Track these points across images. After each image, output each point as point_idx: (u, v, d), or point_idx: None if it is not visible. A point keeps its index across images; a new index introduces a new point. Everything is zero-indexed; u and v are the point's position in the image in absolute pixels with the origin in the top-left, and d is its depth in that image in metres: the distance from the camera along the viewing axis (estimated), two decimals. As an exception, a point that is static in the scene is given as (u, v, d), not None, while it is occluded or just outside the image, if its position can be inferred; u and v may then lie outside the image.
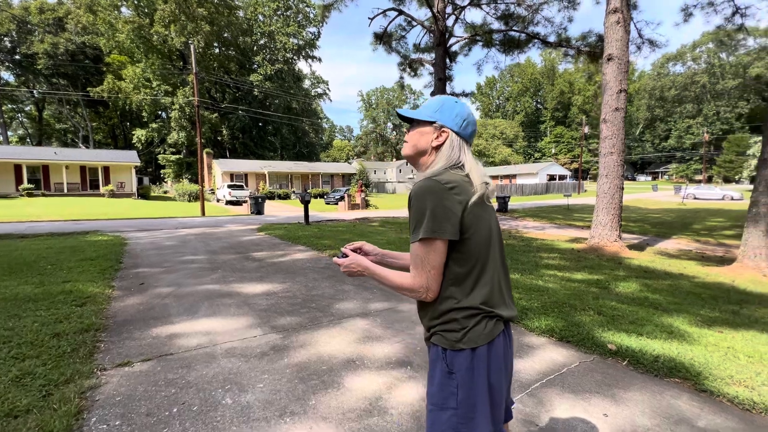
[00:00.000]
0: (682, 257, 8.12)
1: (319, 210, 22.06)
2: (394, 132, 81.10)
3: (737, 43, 57.52)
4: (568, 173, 58.84)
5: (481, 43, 14.73)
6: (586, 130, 46.55)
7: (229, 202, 27.41)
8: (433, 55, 14.05)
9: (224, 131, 45.31)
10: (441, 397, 1.05)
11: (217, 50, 47.52)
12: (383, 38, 14.67)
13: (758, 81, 58.87)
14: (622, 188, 9.34)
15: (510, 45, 14.44)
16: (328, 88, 59.29)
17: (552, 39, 13.53)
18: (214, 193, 32.38)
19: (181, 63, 43.91)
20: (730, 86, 61.78)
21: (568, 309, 3.83)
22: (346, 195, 21.67)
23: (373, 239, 9.26)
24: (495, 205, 20.88)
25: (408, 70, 15.79)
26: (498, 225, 1.15)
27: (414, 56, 15.18)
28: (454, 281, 1.06)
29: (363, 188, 22.27)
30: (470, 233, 1.03)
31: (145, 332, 3.29)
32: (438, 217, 1.00)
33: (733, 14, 10.63)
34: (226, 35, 46.22)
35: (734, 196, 29.00)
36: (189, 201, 28.54)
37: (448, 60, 13.87)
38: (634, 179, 75.26)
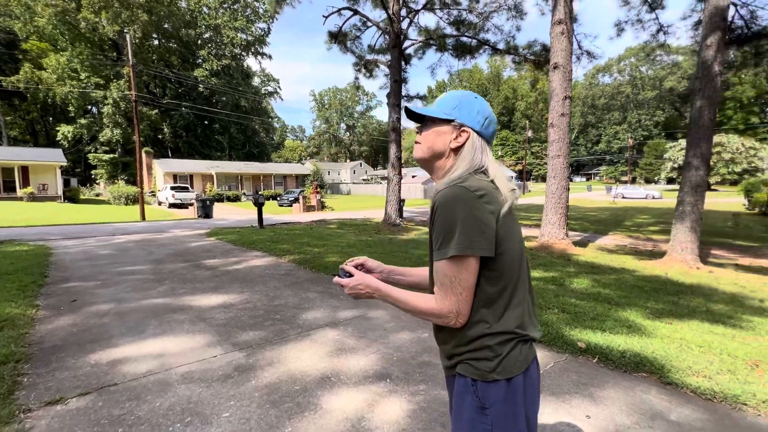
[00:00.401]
0: (620, 252, 8.78)
1: (273, 212, 21.23)
2: (348, 133, 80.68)
3: (655, 58, 64.49)
4: (514, 174, 62.23)
5: (434, 47, 15.03)
6: (530, 134, 49.50)
7: (172, 205, 25.48)
8: (388, 56, 14.08)
9: (166, 129, 42.15)
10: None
11: (156, 42, 44.11)
12: (338, 37, 14.44)
13: (671, 93, 66.34)
14: (568, 189, 9.94)
15: (462, 50, 14.88)
16: (279, 87, 57.48)
17: (501, 46, 14.14)
18: (155, 195, 29.96)
19: (115, 53, 40.17)
20: (649, 97, 68.98)
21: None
22: (300, 196, 20.99)
23: (332, 242, 9.02)
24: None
25: (363, 70, 15.70)
26: (523, 237, 1.05)
27: (369, 57, 15.12)
28: (486, 303, 0.93)
29: (318, 189, 21.75)
30: (503, 248, 0.92)
31: (81, 359, 2.85)
32: (470, 231, 0.88)
33: (658, 31, 11.80)
34: (166, 26, 43.06)
35: (655, 195, 32.45)
36: (126, 204, 26.15)
37: (403, 62, 13.96)
38: (571, 180, 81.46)
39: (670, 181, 50.64)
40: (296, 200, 22.56)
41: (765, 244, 9.88)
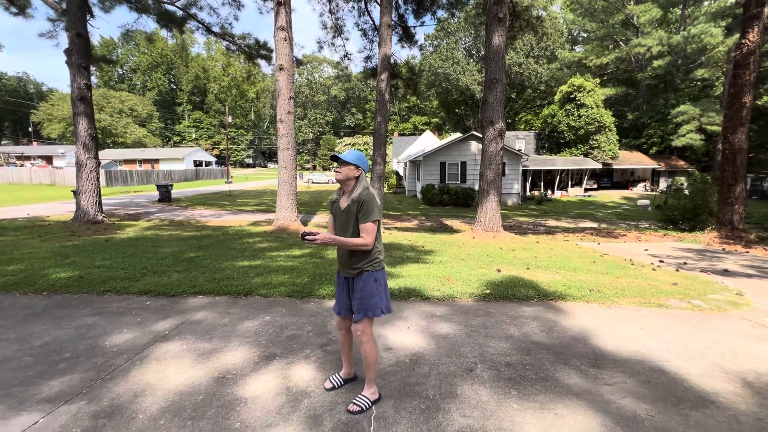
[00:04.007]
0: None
1: None
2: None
3: (339, 72, 79.06)
4: (214, 159, 59.85)
5: (130, 5, 12.48)
6: (230, 119, 49.02)
7: None
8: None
9: None
10: (372, 292, 2.20)
11: None
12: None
13: (336, 99, 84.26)
14: (296, 177, 11.52)
15: (169, 19, 13.21)
16: None
17: (217, 29, 13.72)
18: None
19: None
20: (321, 100, 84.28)
21: (329, 277, 4.96)
22: None
23: (20, 254, 6.26)
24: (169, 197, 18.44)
25: (6, 2, 10.77)
26: None
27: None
28: (377, 240, 2.23)
29: None
30: (380, 217, 2.21)
31: None
32: (378, 210, 2.20)
33: (344, 56, 15.35)
34: None
35: (333, 180, 41.36)
36: None
37: (88, 14, 10.78)
38: (266, 166, 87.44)
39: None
40: None
41: (404, 213, 15.52)
